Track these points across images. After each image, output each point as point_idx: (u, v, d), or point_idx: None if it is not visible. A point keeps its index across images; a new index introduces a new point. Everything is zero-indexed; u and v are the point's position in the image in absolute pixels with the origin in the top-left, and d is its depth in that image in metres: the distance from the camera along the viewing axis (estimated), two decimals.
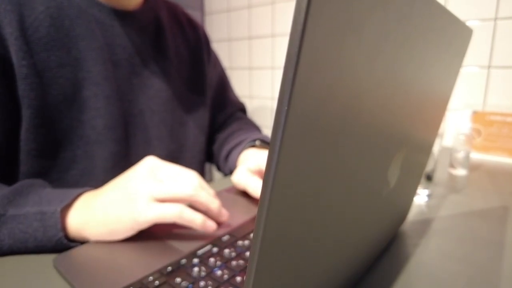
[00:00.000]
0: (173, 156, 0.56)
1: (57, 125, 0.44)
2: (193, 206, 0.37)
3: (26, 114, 0.42)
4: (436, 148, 0.47)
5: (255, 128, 0.69)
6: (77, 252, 0.33)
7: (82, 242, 0.35)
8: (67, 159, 0.45)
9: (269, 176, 0.13)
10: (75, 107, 0.45)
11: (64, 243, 0.33)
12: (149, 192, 0.34)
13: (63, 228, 0.34)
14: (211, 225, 0.35)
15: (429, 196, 0.48)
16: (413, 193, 0.37)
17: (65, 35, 0.44)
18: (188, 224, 0.34)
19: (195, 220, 0.34)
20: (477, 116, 0.71)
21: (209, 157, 0.70)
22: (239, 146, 0.58)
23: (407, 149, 0.27)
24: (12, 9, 0.40)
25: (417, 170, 0.34)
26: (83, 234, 0.34)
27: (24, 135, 0.42)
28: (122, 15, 0.50)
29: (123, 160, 0.49)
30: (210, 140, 0.69)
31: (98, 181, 0.47)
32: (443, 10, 0.22)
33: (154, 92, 0.53)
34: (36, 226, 0.33)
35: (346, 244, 0.22)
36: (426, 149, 0.34)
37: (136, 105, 0.51)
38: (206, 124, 0.63)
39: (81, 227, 0.34)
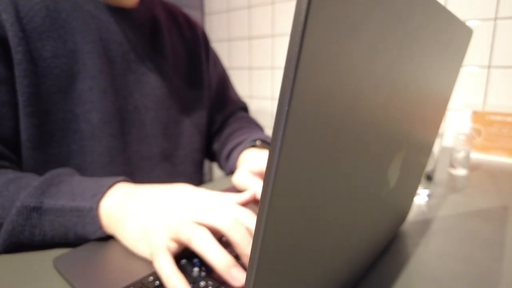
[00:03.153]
0: (167, 154, 0.56)
1: (51, 117, 0.44)
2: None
3: (20, 101, 0.42)
4: (436, 148, 0.47)
5: (257, 127, 0.68)
6: (77, 252, 0.33)
7: None
8: (62, 154, 0.45)
9: (269, 176, 0.13)
10: (70, 100, 0.45)
11: (105, 235, 0.34)
12: (170, 232, 0.30)
13: (101, 224, 0.34)
14: (236, 276, 0.26)
15: (429, 196, 0.48)
16: (413, 193, 0.37)
17: (60, 26, 0.44)
18: (204, 256, 0.27)
19: (214, 256, 0.27)
20: (477, 116, 0.71)
21: (211, 156, 0.70)
22: (239, 146, 0.58)
23: (407, 149, 0.27)
24: None
25: (417, 170, 0.34)
26: (113, 233, 0.34)
27: (19, 126, 0.43)
28: (118, 12, 0.50)
29: (119, 156, 0.49)
30: (212, 139, 0.69)
31: (95, 175, 0.47)
32: (443, 10, 0.22)
33: (149, 89, 0.54)
34: (75, 221, 0.33)
35: (346, 244, 0.22)
36: (426, 149, 0.34)
37: (131, 102, 0.51)
38: (203, 123, 0.63)
39: (111, 228, 0.34)
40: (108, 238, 0.35)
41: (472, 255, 0.33)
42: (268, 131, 1.22)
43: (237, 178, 0.47)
